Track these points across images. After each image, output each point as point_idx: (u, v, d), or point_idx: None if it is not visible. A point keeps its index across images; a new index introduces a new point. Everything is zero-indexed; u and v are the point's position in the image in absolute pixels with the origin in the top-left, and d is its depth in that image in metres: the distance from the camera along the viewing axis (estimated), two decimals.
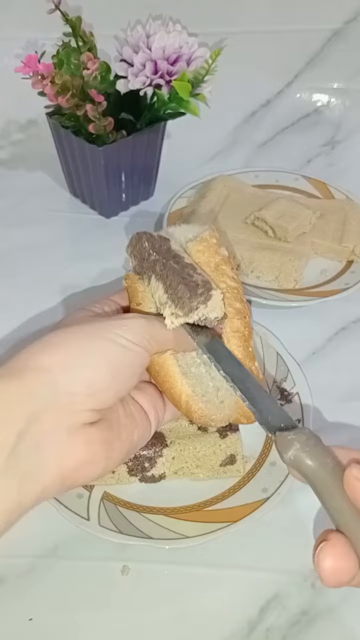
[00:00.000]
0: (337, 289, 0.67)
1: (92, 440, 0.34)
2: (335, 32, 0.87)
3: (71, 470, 0.34)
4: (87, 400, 0.34)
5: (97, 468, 0.35)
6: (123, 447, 0.37)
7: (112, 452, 0.36)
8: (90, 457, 0.34)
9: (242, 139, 0.91)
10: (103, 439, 0.35)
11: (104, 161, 0.71)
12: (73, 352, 0.35)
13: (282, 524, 0.49)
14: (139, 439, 0.39)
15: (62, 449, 0.33)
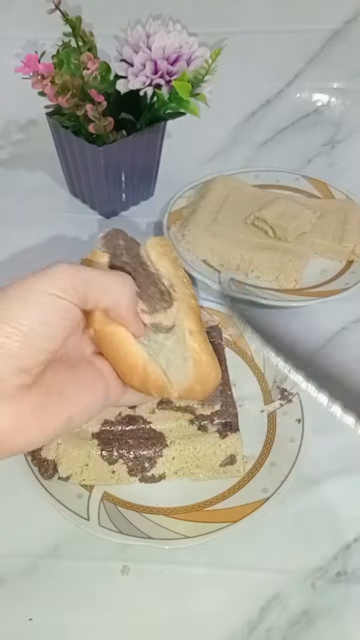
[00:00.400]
0: (337, 289, 0.67)
1: (21, 405, 0.33)
2: (335, 32, 0.87)
3: (1, 437, 0.32)
4: (5, 362, 0.32)
5: (31, 435, 0.33)
6: (63, 410, 0.35)
7: (48, 417, 0.34)
8: (20, 423, 0.32)
9: (242, 139, 0.91)
10: (35, 403, 0.33)
11: (104, 161, 0.71)
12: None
13: (282, 524, 0.49)
14: (88, 403, 0.37)
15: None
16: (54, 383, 0.35)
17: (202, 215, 0.74)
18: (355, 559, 0.47)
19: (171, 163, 0.81)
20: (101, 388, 0.38)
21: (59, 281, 0.35)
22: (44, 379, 0.34)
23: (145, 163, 0.78)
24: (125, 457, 0.50)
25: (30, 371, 0.33)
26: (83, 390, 0.36)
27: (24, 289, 0.34)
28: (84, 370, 0.38)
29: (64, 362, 0.37)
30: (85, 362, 0.38)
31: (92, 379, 0.38)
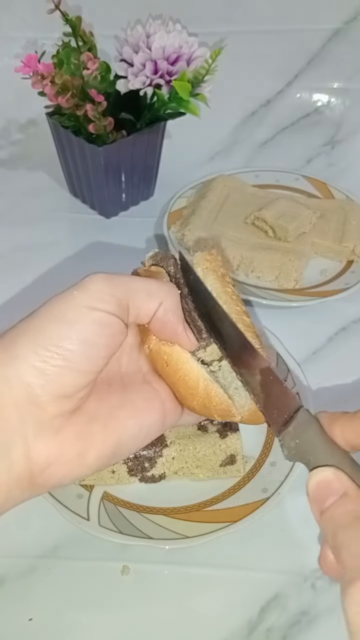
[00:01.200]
0: (337, 289, 0.67)
1: (61, 435, 0.30)
2: (335, 32, 0.87)
3: (40, 468, 0.30)
4: (44, 388, 0.30)
5: (72, 466, 0.31)
6: (110, 439, 0.32)
7: (92, 447, 0.31)
8: (61, 455, 0.30)
9: (242, 139, 0.91)
10: (78, 432, 0.31)
11: (104, 161, 0.71)
12: (16, 335, 0.31)
13: (282, 524, 0.49)
14: (140, 428, 0.34)
15: (29, 445, 0.29)
16: (100, 408, 0.32)
17: (202, 215, 0.74)
18: None
19: (171, 163, 0.81)
20: (157, 411, 0.35)
21: (96, 292, 0.31)
22: (88, 405, 0.32)
23: (145, 163, 0.78)
24: (125, 457, 0.50)
25: (71, 397, 0.31)
26: (135, 415, 0.34)
27: (59, 307, 0.31)
28: (138, 391, 0.35)
29: (114, 384, 0.34)
30: (140, 382, 0.36)
31: (147, 401, 0.35)
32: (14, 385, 0.29)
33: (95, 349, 0.31)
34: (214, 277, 0.41)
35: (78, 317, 0.31)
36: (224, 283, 0.41)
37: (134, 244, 0.75)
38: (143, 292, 0.33)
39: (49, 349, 0.30)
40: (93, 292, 0.31)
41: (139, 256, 0.75)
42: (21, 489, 0.30)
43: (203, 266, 0.41)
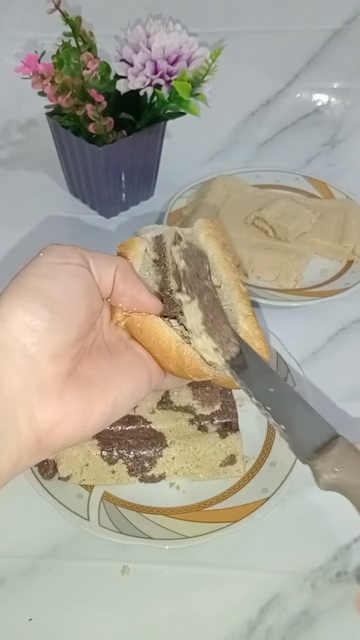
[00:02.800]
0: (337, 289, 0.67)
1: (65, 396, 0.32)
2: (335, 32, 0.87)
3: (47, 431, 0.31)
4: (38, 346, 0.30)
5: (77, 426, 0.32)
6: (109, 397, 0.34)
7: (94, 406, 0.33)
8: (66, 415, 0.32)
9: (242, 139, 0.91)
10: (79, 393, 0.32)
11: (104, 161, 0.71)
12: (7, 299, 0.32)
13: (282, 524, 0.49)
14: (133, 388, 0.36)
15: (34, 409, 0.31)
16: (95, 372, 0.34)
17: (202, 215, 0.73)
18: (355, 559, 0.47)
19: (171, 163, 0.81)
20: (145, 373, 0.37)
21: (60, 251, 0.34)
22: (84, 370, 0.34)
23: (145, 163, 0.78)
24: (125, 457, 0.50)
25: (64, 355, 0.32)
26: (127, 376, 0.36)
27: (32, 267, 0.33)
28: (125, 356, 0.37)
29: (102, 350, 0.37)
30: (124, 348, 0.38)
31: (135, 364, 0.37)
32: (10, 349, 0.30)
33: (77, 298, 0.33)
34: (215, 244, 0.42)
35: (53, 270, 0.33)
36: (225, 251, 0.42)
37: None
38: (100, 255, 0.36)
39: (35, 300, 0.31)
40: (58, 251, 0.34)
41: None
42: (30, 453, 0.31)
43: (205, 232, 0.42)
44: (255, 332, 0.39)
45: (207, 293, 0.39)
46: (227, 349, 0.37)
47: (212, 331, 0.37)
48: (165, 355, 0.37)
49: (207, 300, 0.39)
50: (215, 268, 0.42)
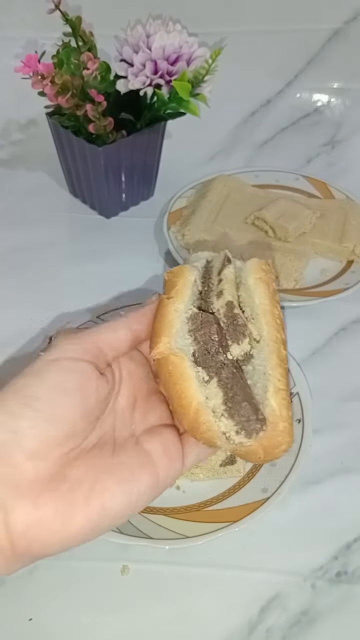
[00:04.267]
0: (337, 289, 0.67)
1: (40, 499, 0.29)
2: (335, 32, 0.87)
3: (19, 534, 0.29)
4: (18, 445, 0.28)
5: (53, 533, 0.29)
6: (92, 507, 0.30)
7: (73, 514, 0.30)
8: (39, 519, 0.29)
9: (242, 139, 0.91)
10: (57, 497, 0.29)
11: (104, 161, 0.71)
12: (11, 394, 0.30)
13: (282, 524, 0.49)
14: (129, 494, 0.32)
15: (7, 509, 0.28)
16: (85, 474, 0.31)
17: (202, 215, 0.74)
18: (355, 559, 0.47)
19: (171, 163, 0.81)
20: (147, 473, 0.33)
21: (60, 346, 0.33)
22: (72, 471, 0.31)
23: (145, 163, 0.78)
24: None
25: (46, 456, 0.30)
26: (121, 478, 0.32)
27: (28, 366, 0.32)
28: (128, 452, 0.33)
29: (105, 448, 0.33)
30: (132, 444, 0.35)
31: (137, 463, 0.33)
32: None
33: (64, 395, 0.31)
34: (264, 291, 0.38)
35: (43, 367, 0.31)
36: (273, 302, 0.38)
37: (134, 244, 0.75)
38: (107, 328, 0.35)
39: (19, 400, 0.30)
40: (57, 347, 0.33)
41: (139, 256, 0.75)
42: (4, 557, 0.29)
43: (256, 275, 0.38)
44: (283, 412, 0.34)
45: (225, 369, 0.35)
46: (248, 428, 0.33)
47: (231, 411, 0.34)
48: (183, 411, 0.34)
49: (226, 377, 0.35)
50: (258, 319, 0.37)
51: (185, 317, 0.37)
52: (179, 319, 0.36)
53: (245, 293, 0.39)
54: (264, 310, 0.37)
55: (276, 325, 0.37)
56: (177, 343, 0.35)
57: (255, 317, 0.38)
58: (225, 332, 0.36)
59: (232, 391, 0.34)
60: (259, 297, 0.38)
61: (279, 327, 0.37)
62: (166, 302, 0.37)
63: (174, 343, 0.35)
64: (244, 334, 0.36)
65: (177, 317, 0.36)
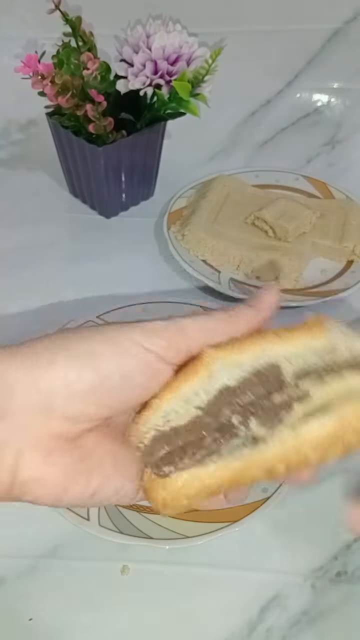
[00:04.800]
0: (337, 289, 0.67)
1: (51, 458, 0.29)
2: (335, 31, 0.87)
3: (21, 481, 0.29)
4: (63, 401, 0.28)
5: (49, 493, 0.30)
6: (92, 483, 0.30)
7: (76, 483, 0.30)
8: (43, 477, 0.29)
9: (242, 139, 0.91)
10: (67, 463, 0.30)
11: (104, 161, 0.71)
12: (61, 342, 0.30)
13: (282, 524, 0.49)
14: (115, 492, 0.32)
15: (22, 453, 0.29)
16: (95, 451, 0.31)
17: (202, 215, 0.74)
18: (355, 559, 0.47)
19: (171, 163, 0.81)
20: (135, 474, 0.32)
21: (154, 338, 0.29)
22: (86, 442, 0.31)
23: (145, 163, 0.78)
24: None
25: (78, 422, 0.29)
26: (117, 470, 0.32)
27: (114, 332, 0.30)
28: (127, 447, 0.32)
29: (116, 432, 0.33)
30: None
31: (130, 460, 0.32)
32: (39, 387, 0.28)
33: (131, 387, 0.30)
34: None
35: (129, 348, 0.29)
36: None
37: (134, 244, 0.75)
38: (205, 330, 0.30)
39: (92, 367, 0.29)
40: (152, 336, 0.29)
41: (139, 256, 0.75)
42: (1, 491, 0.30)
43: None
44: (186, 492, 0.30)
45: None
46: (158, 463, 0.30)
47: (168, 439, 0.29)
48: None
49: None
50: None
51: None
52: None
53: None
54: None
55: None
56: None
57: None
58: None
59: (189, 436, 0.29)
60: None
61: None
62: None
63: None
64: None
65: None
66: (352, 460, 0.53)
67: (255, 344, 0.29)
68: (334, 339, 0.28)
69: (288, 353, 0.28)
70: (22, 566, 0.47)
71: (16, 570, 0.46)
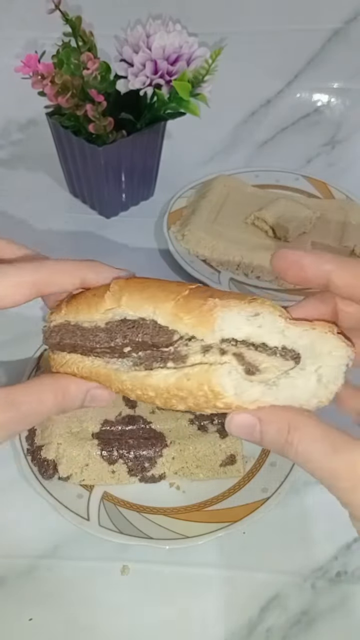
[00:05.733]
0: None
1: None
2: (335, 31, 0.87)
3: None
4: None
5: None
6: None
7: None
8: None
9: (242, 139, 0.91)
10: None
11: (104, 161, 0.71)
12: None
13: (282, 524, 0.49)
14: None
15: None
16: None
17: (202, 215, 0.74)
18: (355, 559, 0.47)
19: (171, 163, 0.81)
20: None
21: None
22: None
23: (145, 163, 0.78)
24: (125, 457, 0.50)
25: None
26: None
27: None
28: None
29: None
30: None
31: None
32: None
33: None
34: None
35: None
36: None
37: (134, 244, 0.75)
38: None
39: None
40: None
41: (139, 256, 0.75)
42: None
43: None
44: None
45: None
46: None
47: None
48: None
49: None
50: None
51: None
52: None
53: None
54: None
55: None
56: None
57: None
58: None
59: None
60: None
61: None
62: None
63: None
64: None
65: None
66: None
67: (153, 301, 0.32)
68: (224, 327, 0.30)
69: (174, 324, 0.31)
70: (22, 566, 0.47)
71: (16, 570, 0.46)
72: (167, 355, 0.31)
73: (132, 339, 0.32)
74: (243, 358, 0.30)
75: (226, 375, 0.29)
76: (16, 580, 0.46)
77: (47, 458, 0.49)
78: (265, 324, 0.31)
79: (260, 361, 0.30)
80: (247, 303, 0.31)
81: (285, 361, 0.30)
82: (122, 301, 0.32)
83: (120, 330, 0.32)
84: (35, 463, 0.50)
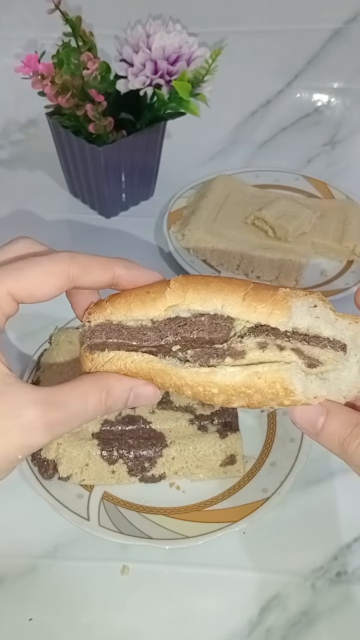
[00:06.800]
0: (337, 289, 0.67)
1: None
2: (335, 31, 0.87)
3: None
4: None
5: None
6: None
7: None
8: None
9: (242, 139, 0.91)
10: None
11: (104, 161, 0.71)
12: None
13: (282, 524, 0.49)
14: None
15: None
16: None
17: (202, 215, 0.74)
18: (355, 559, 0.47)
19: (171, 163, 0.81)
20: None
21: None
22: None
23: (145, 163, 0.78)
24: (125, 457, 0.50)
25: None
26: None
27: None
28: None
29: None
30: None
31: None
32: None
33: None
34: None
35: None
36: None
37: (134, 243, 0.75)
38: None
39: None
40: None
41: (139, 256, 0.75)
42: None
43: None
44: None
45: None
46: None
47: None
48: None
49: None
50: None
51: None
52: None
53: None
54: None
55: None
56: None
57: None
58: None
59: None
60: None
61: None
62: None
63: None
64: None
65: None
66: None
67: (221, 294, 0.32)
68: (295, 315, 0.32)
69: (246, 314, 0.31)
70: (22, 566, 0.47)
71: (16, 570, 0.46)
72: (222, 352, 0.31)
73: (184, 337, 0.32)
74: (302, 352, 0.31)
75: (297, 374, 0.30)
76: (16, 580, 0.46)
77: (47, 458, 0.49)
78: (321, 315, 0.32)
79: (317, 354, 0.31)
80: (308, 294, 0.32)
81: (336, 352, 0.31)
82: (187, 296, 0.32)
83: (170, 329, 0.32)
84: (35, 463, 0.50)
